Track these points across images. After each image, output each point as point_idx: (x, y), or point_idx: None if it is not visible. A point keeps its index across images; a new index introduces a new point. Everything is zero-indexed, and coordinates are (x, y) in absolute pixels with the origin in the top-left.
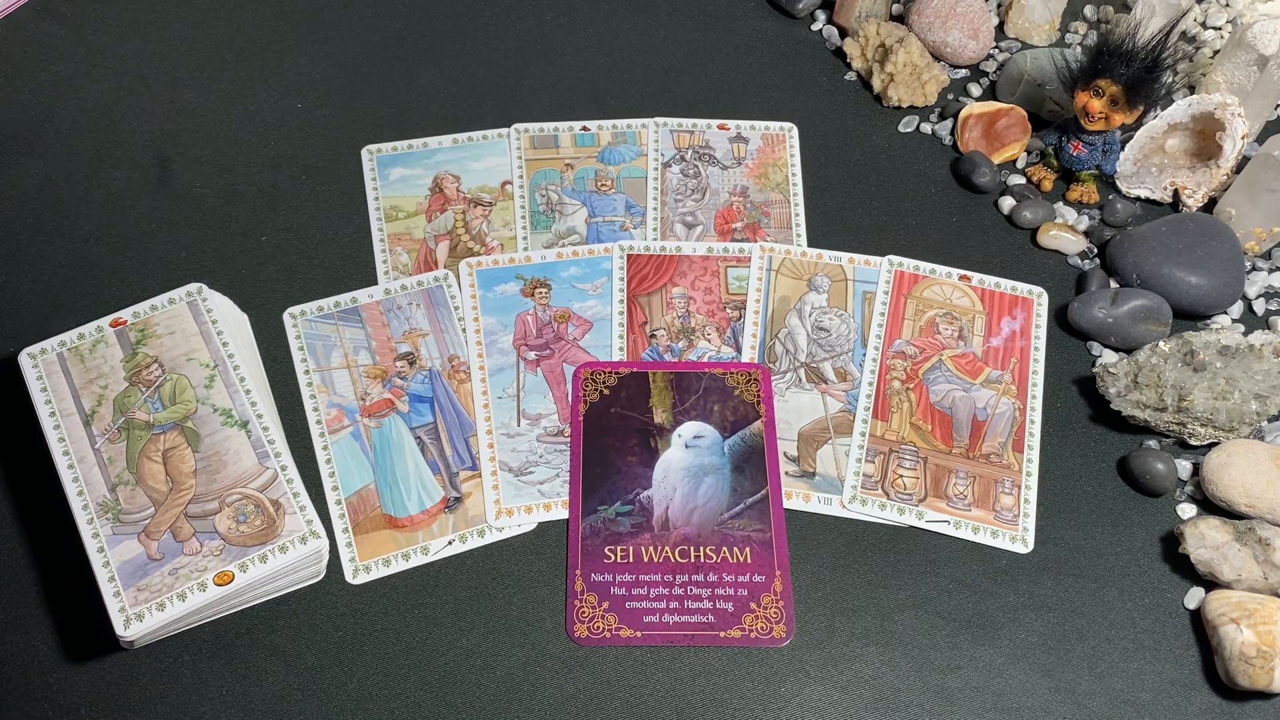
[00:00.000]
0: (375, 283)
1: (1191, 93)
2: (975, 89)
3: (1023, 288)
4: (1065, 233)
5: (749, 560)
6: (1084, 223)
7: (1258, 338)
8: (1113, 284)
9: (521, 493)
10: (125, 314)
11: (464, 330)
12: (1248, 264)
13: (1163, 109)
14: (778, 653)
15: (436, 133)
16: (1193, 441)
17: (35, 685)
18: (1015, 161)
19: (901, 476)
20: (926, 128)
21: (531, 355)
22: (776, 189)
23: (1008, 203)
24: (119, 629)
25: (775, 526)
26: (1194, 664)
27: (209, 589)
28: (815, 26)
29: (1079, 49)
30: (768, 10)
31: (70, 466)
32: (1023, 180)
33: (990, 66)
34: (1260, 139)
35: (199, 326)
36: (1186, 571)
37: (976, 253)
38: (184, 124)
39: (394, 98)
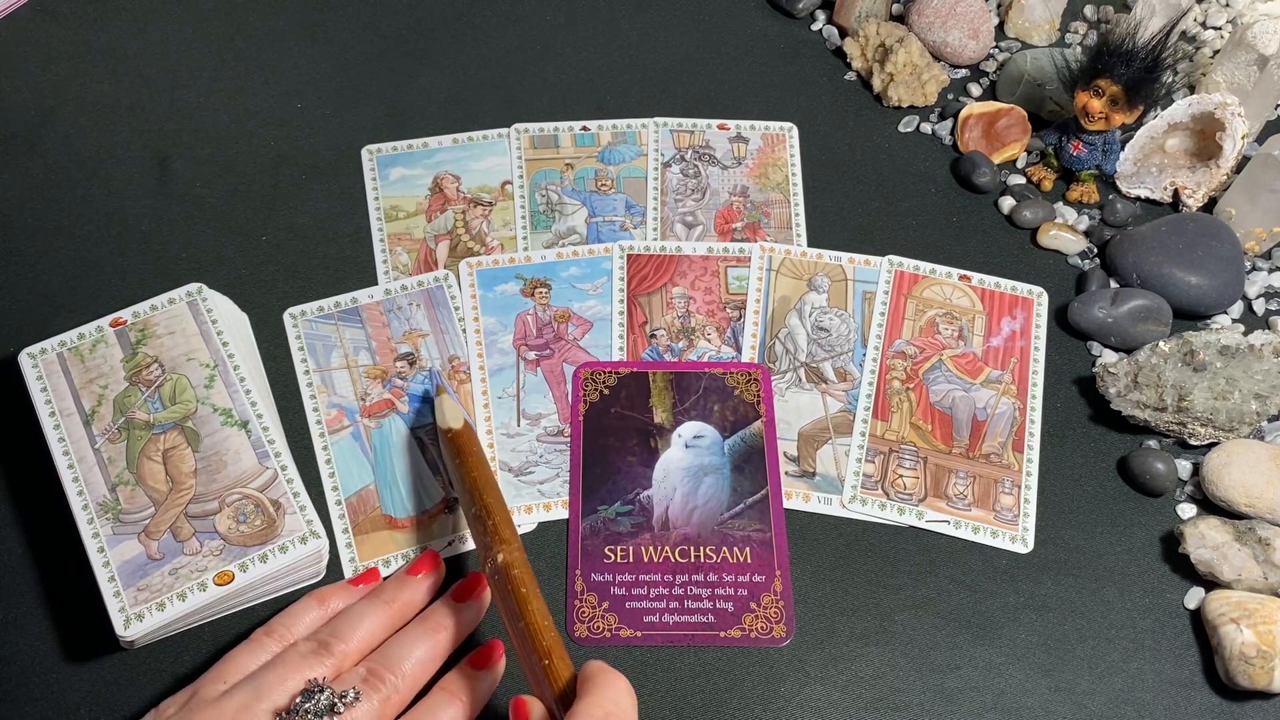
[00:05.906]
0: (375, 283)
1: (1191, 93)
2: (975, 89)
3: (1023, 288)
4: (1065, 233)
5: (749, 560)
6: (1084, 223)
7: (1258, 338)
8: (1113, 284)
9: (521, 493)
10: (125, 314)
11: (464, 330)
12: (1248, 264)
13: (1163, 109)
14: (778, 653)
15: (436, 133)
16: (1193, 441)
17: (35, 685)
18: (1015, 161)
19: (901, 476)
20: (926, 128)
21: (531, 355)
22: (776, 189)
23: (1008, 203)
24: (119, 629)
25: (775, 526)
26: (1194, 664)
27: (209, 589)
28: (815, 26)
29: (1079, 49)
30: (768, 10)
31: (70, 466)
32: (1023, 180)
33: (990, 66)
34: (1260, 139)
35: (199, 326)
36: (1186, 571)
37: (976, 253)
38: (184, 124)
39: (394, 98)
